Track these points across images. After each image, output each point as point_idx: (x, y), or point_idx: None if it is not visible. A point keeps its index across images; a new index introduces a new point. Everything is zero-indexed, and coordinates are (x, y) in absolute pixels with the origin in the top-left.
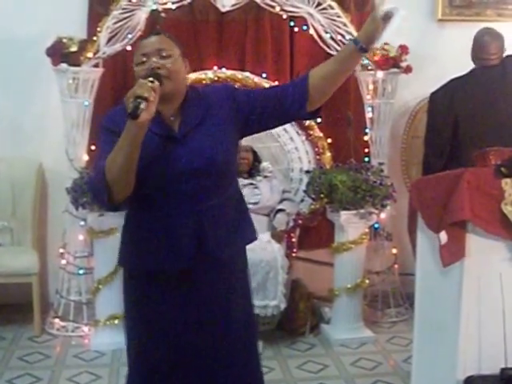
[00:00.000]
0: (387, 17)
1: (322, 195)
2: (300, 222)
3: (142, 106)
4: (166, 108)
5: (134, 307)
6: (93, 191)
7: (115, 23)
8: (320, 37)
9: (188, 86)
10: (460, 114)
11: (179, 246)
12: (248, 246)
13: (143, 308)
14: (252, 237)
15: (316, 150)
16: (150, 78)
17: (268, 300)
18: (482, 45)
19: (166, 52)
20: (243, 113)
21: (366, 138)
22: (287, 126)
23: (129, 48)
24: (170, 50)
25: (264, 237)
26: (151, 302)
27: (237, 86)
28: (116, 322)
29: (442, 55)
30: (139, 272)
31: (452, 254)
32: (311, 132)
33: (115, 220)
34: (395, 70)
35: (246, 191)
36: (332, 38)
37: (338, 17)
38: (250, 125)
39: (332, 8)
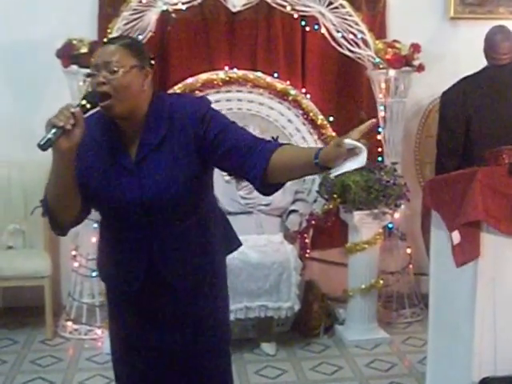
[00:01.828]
0: (353, 152)
1: (334, 195)
2: (313, 222)
3: (50, 135)
4: (126, 125)
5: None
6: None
7: (125, 24)
8: (331, 36)
9: (154, 97)
10: (472, 113)
11: (129, 270)
12: (260, 248)
13: (112, 320)
14: (219, 262)
15: None
16: (83, 101)
17: (282, 302)
18: (494, 44)
19: (113, 65)
20: (205, 147)
21: (378, 137)
22: (299, 125)
23: None
24: (119, 62)
25: (277, 238)
26: (116, 317)
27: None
28: None
29: (455, 53)
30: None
31: (465, 253)
32: (324, 131)
33: None
34: (408, 68)
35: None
36: (343, 37)
37: (350, 16)
38: (210, 161)
39: (343, 7)
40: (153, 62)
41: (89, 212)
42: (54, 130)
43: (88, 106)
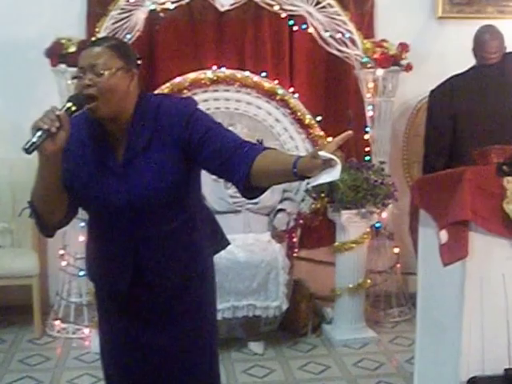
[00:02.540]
0: (328, 164)
1: (322, 194)
2: (301, 221)
3: (35, 139)
4: (113, 127)
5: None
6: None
7: (113, 24)
8: (319, 35)
9: (140, 98)
10: (459, 112)
11: (116, 270)
12: (248, 247)
13: (101, 319)
14: (206, 262)
15: (316, 148)
16: (69, 103)
17: (269, 301)
18: (482, 43)
19: (99, 68)
20: (190, 149)
21: (366, 136)
22: (287, 125)
23: None
24: (105, 64)
25: (264, 237)
26: (105, 315)
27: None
28: None
29: (443, 53)
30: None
31: (453, 253)
32: (311, 131)
33: None
34: (395, 67)
35: None
36: (331, 37)
37: (338, 15)
38: (195, 163)
39: (331, 6)
40: (139, 62)
41: (76, 213)
42: (39, 133)
43: (73, 108)
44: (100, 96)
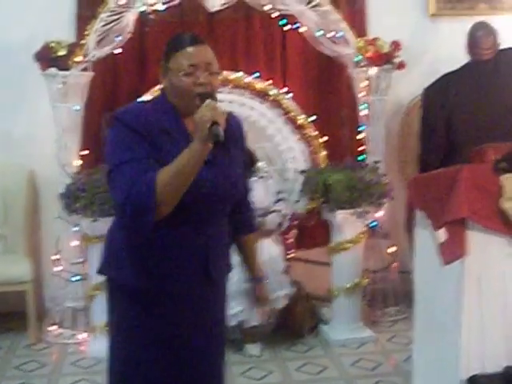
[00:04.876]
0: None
1: (317, 195)
2: (296, 222)
3: (221, 132)
4: (189, 122)
5: (128, 320)
6: (134, 208)
7: (103, 26)
8: (311, 35)
9: None
10: (453, 109)
11: (190, 269)
12: None
13: (136, 322)
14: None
15: (310, 149)
16: (213, 101)
17: (278, 291)
18: (476, 39)
19: (214, 68)
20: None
21: (360, 135)
22: (281, 126)
23: (118, 51)
24: (217, 64)
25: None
26: (144, 318)
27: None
28: None
29: (436, 50)
30: (139, 288)
31: (452, 252)
32: (305, 131)
33: (109, 225)
34: (388, 66)
35: None
36: (324, 36)
37: (330, 14)
38: None
39: (323, 5)
40: None
41: None
42: (217, 126)
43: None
44: (213, 94)
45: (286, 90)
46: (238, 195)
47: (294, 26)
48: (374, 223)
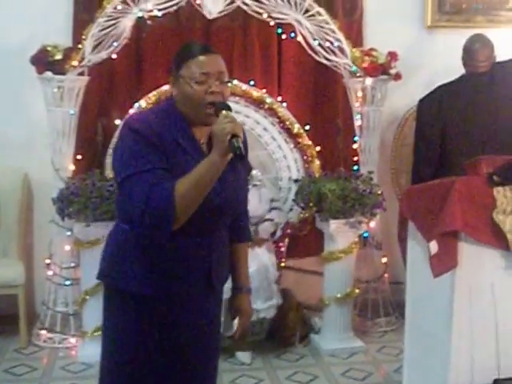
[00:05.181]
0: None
1: (310, 204)
2: (289, 231)
3: (241, 145)
4: (198, 132)
5: (126, 325)
6: (153, 218)
7: (100, 31)
8: (308, 44)
9: None
10: (448, 121)
11: (193, 277)
12: None
13: (135, 327)
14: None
15: (305, 158)
16: (231, 113)
17: (269, 301)
18: (472, 52)
19: (225, 76)
20: None
21: (355, 146)
22: (275, 134)
23: (114, 56)
24: (227, 73)
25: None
26: (144, 324)
27: None
28: None
29: (432, 62)
30: (141, 295)
31: (443, 263)
32: (300, 140)
33: (102, 230)
34: (384, 77)
35: None
36: (320, 45)
37: (327, 23)
38: None
39: (320, 15)
40: None
41: None
42: (238, 139)
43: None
44: (229, 105)
45: (280, 98)
46: (240, 206)
47: (291, 35)
48: (367, 233)
